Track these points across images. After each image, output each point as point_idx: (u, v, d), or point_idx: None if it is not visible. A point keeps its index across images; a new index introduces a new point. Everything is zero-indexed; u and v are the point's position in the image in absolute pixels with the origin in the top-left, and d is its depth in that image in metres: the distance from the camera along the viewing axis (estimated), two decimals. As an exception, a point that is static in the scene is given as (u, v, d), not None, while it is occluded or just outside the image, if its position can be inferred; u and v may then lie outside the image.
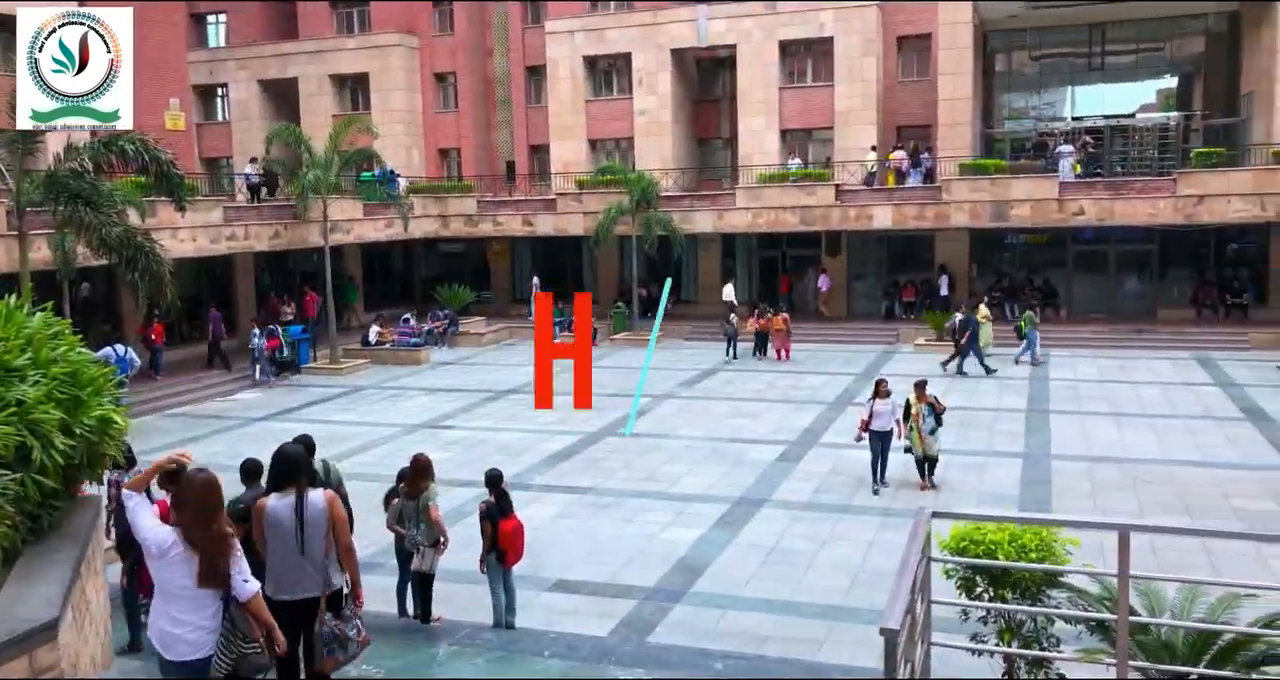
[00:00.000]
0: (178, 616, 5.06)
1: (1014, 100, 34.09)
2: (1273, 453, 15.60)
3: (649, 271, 33.34)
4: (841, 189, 29.37)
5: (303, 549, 5.76)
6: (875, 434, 14.02)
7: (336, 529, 5.89)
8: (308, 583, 5.84)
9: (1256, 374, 22.03)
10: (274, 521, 5.78)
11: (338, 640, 5.87)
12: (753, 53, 31.99)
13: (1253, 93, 28.85)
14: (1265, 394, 19.95)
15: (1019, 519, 6.50)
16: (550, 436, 18.04)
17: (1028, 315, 25.10)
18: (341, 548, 5.94)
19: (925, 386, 14.19)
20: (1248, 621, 6.10)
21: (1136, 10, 29.63)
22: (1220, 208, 25.81)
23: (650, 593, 10.77)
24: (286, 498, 5.82)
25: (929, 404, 13.88)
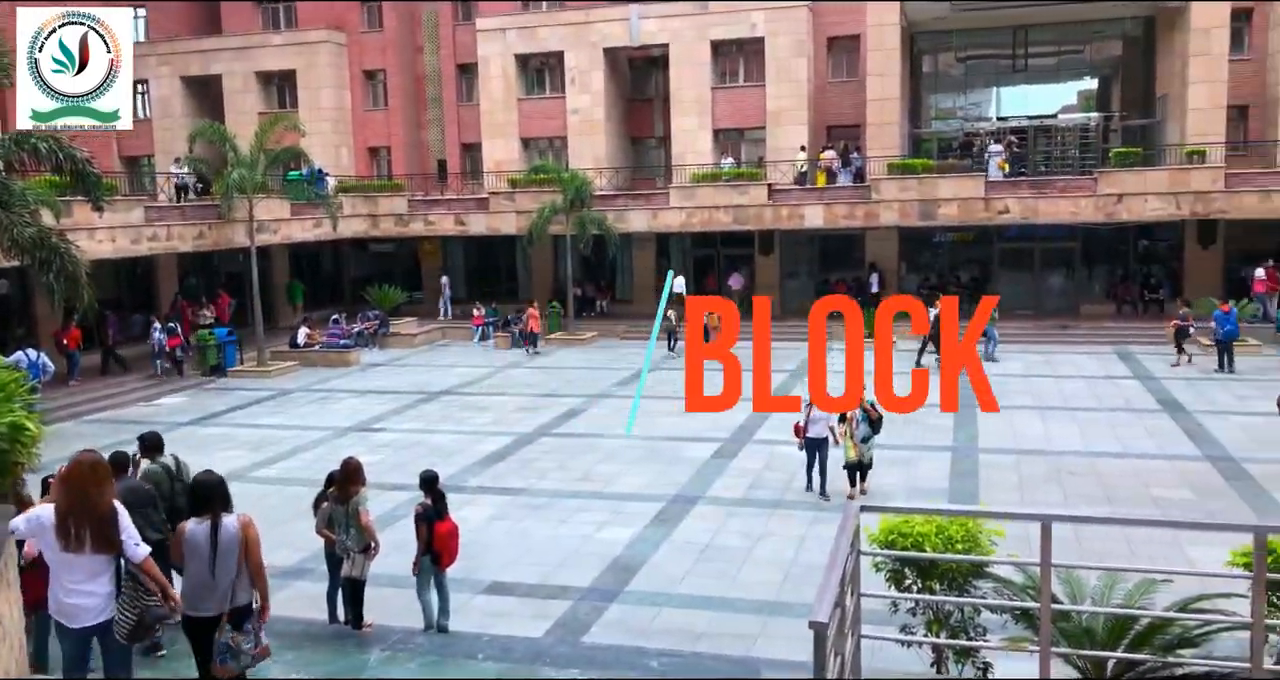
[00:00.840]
0: (73, 587, 5.79)
1: (941, 101, 34.74)
2: (1188, 443, 16.10)
3: (583, 271, 33.28)
4: (774, 188, 29.64)
5: (214, 572, 6.23)
6: (811, 441, 13.69)
7: (249, 550, 6.33)
8: (215, 602, 6.29)
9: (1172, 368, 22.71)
10: (191, 545, 6.27)
11: (230, 651, 6.23)
12: (685, 52, 32.11)
13: (1167, 95, 29.79)
14: (1180, 386, 20.60)
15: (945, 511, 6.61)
16: (484, 438, 17.88)
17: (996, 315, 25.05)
18: (253, 567, 6.36)
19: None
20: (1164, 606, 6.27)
21: (1057, 14, 30.37)
22: (1138, 206, 26.59)
23: (585, 593, 10.73)
24: (204, 523, 6.28)
25: (864, 410, 13.50)
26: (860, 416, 13.44)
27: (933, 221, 28.36)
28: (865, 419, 13.44)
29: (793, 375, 23.28)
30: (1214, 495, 13.29)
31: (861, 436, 13.39)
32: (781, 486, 14.28)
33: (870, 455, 13.60)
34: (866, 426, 13.42)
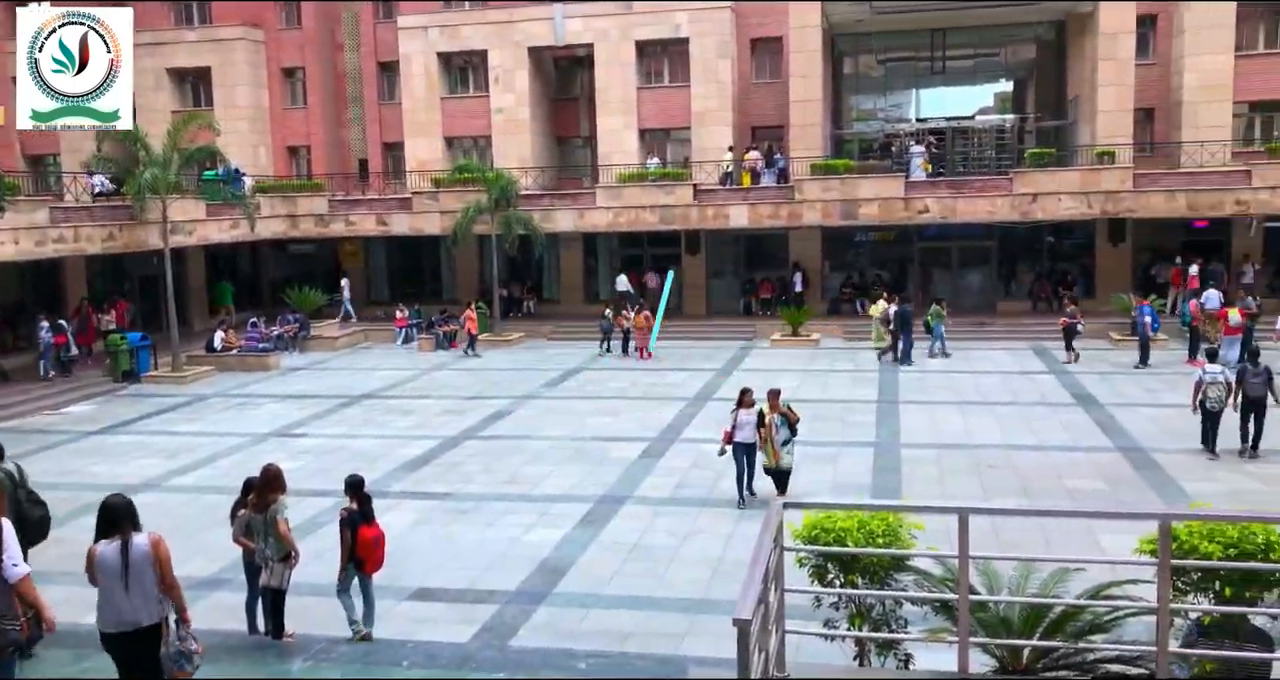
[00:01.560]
0: None
1: (862, 102, 35.28)
2: (1101, 436, 16.59)
3: (509, 271, 33.04)
4: (699, 189, 29.79)
5: (126, 588, 6.38)
6: (740, 446, 13.41)
7: (161, 568, 6.47)
8: (130, 617, 6.44)
9: (1085, 362, 23.40)
10: (103, 565, 6.43)
11: (184, 656, 6.49)
12: (610, 52, 32.09)
13: (1078, 97, 30.69)
14: (1093, 381, 21.24)
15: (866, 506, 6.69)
16: (408, 442, 17.62)
17: (934, 309, 25.25)
18: (165, 585, 6.51)
19: (779, 395, 13.42)
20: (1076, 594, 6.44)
21: (973, 17, 31.05)
22: (1052, 205, 27.34)
23: (512, 596, 10.64)
24: (114, 543, 6.43)
25: (782, 414, 13.12)
26: (779, 421, 13.10)
27: (854, 221, 28.78)
28: (784, 423, 13.11)
29: (719, 374, 23.44)
30: (1125, 485, 13.72)
31: (781, 440, 13.08)
32: (709, 485, 14.34)
33: (789, 460, 13.23)
34: (786, 430, 13.11)
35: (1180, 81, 29.09)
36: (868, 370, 23.44)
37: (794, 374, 23.09)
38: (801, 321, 27.79)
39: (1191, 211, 27.23)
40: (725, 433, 13.55)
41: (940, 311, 25.07)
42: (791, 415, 13.17)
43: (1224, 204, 26.70)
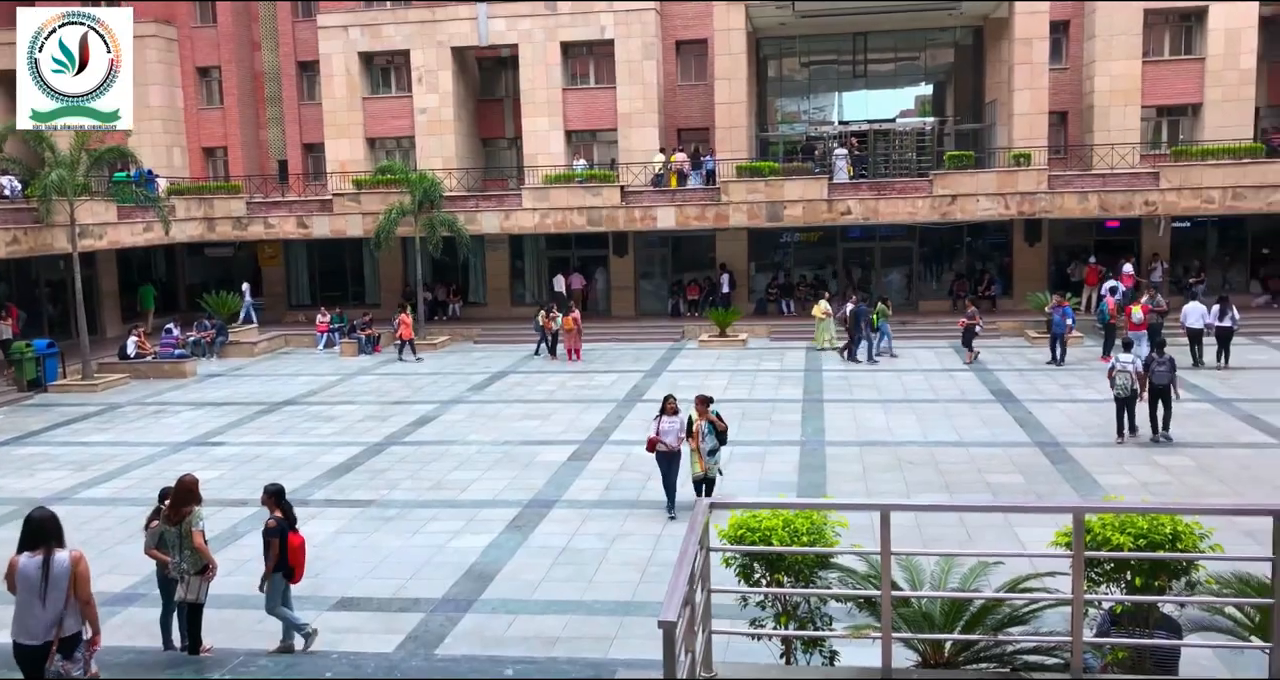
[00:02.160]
0: None
1: (786, 105, 35.65)
2: (1019, 431, 16.98)
3: (434, 274, 32.66)
4: (627, 190, 29.80)
5: (44, 603, 6.46)
6: (662, 454, 13.05)
7: (78, 585, 6.54)
8: (43, 630, 6.50)
9: (1004, 359, 23.99)
10: (23, 576, 6.52)
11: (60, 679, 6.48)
12: (535, 53, 31.92)
13: (995, 101, 31.44)
14: (1011, 377, 21.76)
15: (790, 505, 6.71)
16: (330, 448, 17.28)
17: (880, 308, 25.34)
18: (81, 601, 6.57)
19: (709, 403, 12.98)
20: (996, 587, 6.55)
21: (893, 21, 31.62)
22: (970, 206, 27.96)
23: (438, 604, 10.49)
24: (36, 557, 6.52)
25: (710, 421, 12.77)
26: (706, 429, 12.77)
27: (780, 223, 29.08)
28: (712, 430, 12.78)
29: (648, 376, 23.47)
30: (1041, 479, 14.05)
31: (708, 449, 12.76)
32: (638, 487, 14.31)
33: (717, 469, 12.94)
34: (714, 439, 12.80)
35: (1092, 86, 30.00)
36: (794, 370, 23.68)
37: (722, 374, 23.27)
38: (729, 322, 27.98)
39: (1103, 212, 28.09)
40: (650, 439, 13.16)
41: (886, 311, 25.25)
42: (719, 423, 12.81)
43: (1134, 204, 27.59)
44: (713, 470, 12.83)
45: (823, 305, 26.55)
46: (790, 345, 27.29)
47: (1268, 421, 16.92)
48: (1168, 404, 15.89)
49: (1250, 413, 17.63)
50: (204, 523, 8.99)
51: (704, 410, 12.80)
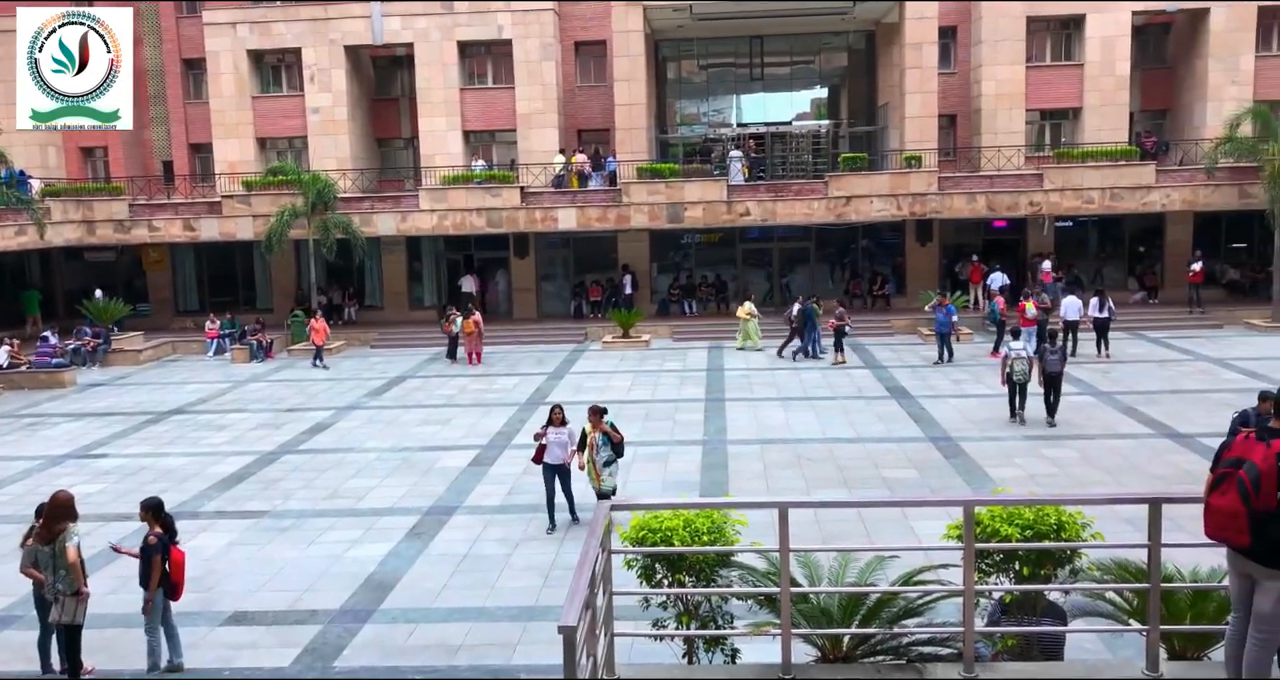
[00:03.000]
0: None
1: (686, 107, 35.94)
2: (914, 426, 17.42)
3: (329, 277, 31.91)
4: (527, 191, 29.60)
5: None
6: (549, 467, 12.41)
7: None
8: None
9: (898, 356, 24.59)
10: None
11: None
12: (431, 52, 31.46)
13: (887, 104, 32.25)
14: (905, 374, 22.32)
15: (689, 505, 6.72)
16: (221, 459, 16.69)
17: (811, 307, 25.56)
18: None
19: (602, 414, 12.34)
20: (892, 580, 6.68)
21: (788, 26, 32.16)
22: (865, 207, 28.60)
23: (336, 615, 10.22)
24: None
25: (605, 433, 12.15)
26: (601, 440, 12.16)
27: (680, 224, 29.27)
28: (606, 442, 12.16)
29: (551, 378, 23.34)
30: (935, 473, 14.43)
31: (604, 461, 12.17)
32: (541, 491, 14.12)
33: (613, 483, 12.31)
34: (609, 451, 12.18)
35: (979, 90, 31.01)
36: (696, 370, 23.85)
37: (625, 375, 23.30)
38: (632, 323, 28.05)
39: (991, 212, 29.06)
40: (539, 448, 12.55)
41: (817, 310, 25.52)
42: (614, 435, 12.18)
43: (1019, 205, 28.62)
44: (609, 483, 12.18)
45: (748, 306, 26.82)
46: (693, 345, 27.50)
47: (1145, 413, 17.72)
48: (1057, 391, 17.01)
49: (1129, 405, 18.44)
50: (77, 538, 8.58)
51: (598, 421, 12.21)
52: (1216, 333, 26.94)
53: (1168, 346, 25.03)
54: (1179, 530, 7.52)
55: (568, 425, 12.55)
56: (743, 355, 25.66)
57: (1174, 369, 22.05)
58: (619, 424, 17.76)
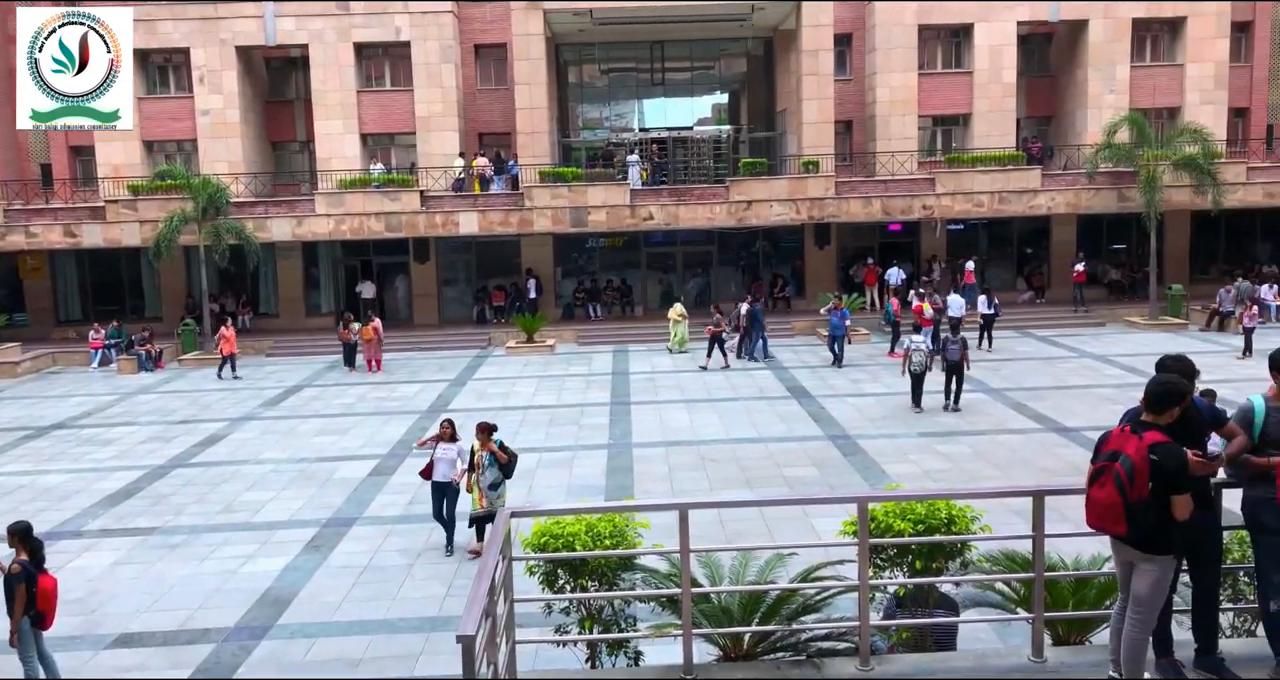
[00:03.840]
0: None
1: (587, 111, 35.98)
2: (813, 425, 17.73)
3: (221, 284, 30.97)
4: (427, 195, 29.20)
5: None
6: (437, 486, 11.82)
7: None
8: None
9: (798, 357, 25.00)
10: None
11: None
12: (326, 54, 30.80)
13: (786, 110, 32.81)
14: (805, 374, 22.72)
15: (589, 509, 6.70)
16: (107, 474, 16.01)
17: (758, 308, 25.80)
18: None
19: (491, 432, 11.67)
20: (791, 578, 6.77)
21: (687, 32, 32.46)
22: (765, 211, 29.03)
23: (231, 632, 9.90)
24: None
25: (492, 452, 11.50)
26: (488, 460, 11.51)
27: (584, 228, 29.25)
28: (493, 463, 11.51)
29: (453, 385, 23.06)
30: (834, 470, 14.72)
31: (490, 482, 11.48)
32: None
33: (501, 504, 11.40)
34: (495, 471, 11.52)
35: (874, 97, 31.78)
36: (602, 373, 23.86)
37: (530, 380, 23.15)
38: (536, 328, 27.90)
39: (886, 216, 29.80)
40: (427, 464, 12.03)
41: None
42: (501, 455, 11.50)
43: (913, 208, 29.41)
44: (495, 505, 11.34)
45: (678, 307, 26.88)
46: (598, 349, 27.50)
47: (1034, 409, 18.39)
48: (960, 379, 18.26)
49: (1019, 401, 19.12)
50: None
51: (486, 440, 11.57)
52: (1099, 330, 28.14)
53: (1054, 344, 26.03)
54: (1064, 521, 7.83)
55: (458, 442, 12.02)
56: (646, 357, 25.75)
57: (1060, 366, 22.93)
58: (524, 430, 17.89)
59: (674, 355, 25.83)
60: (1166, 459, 4.77)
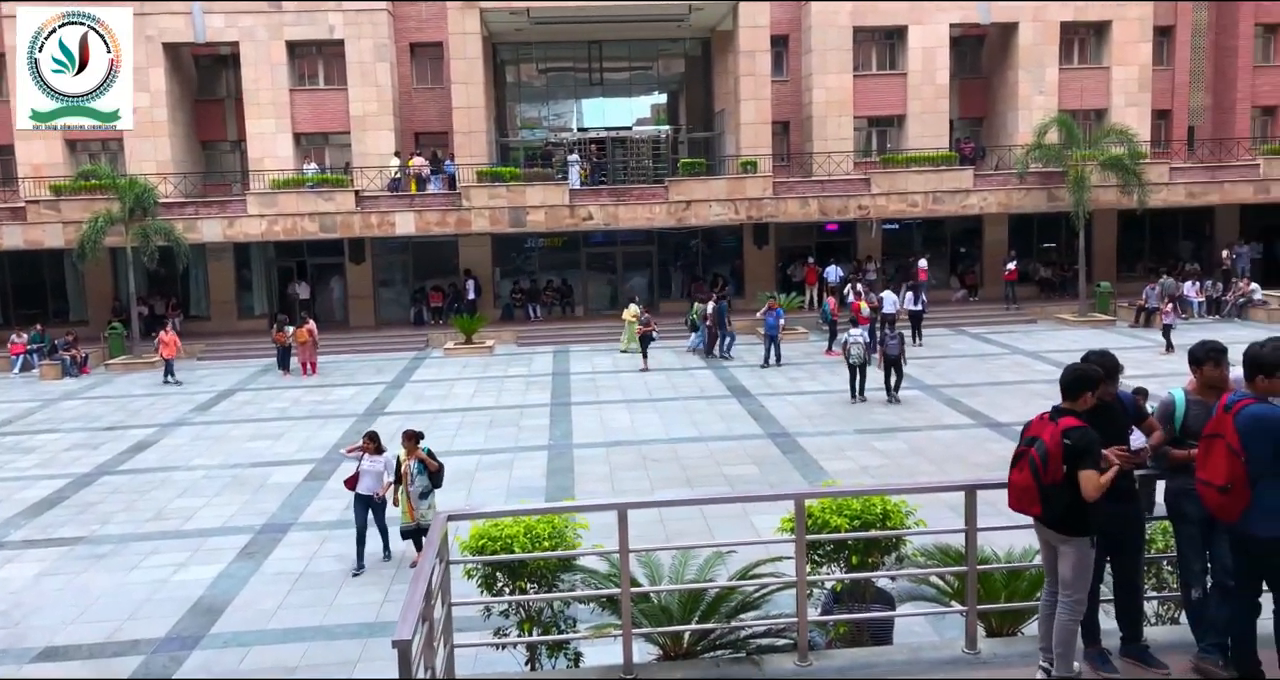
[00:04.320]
0: None
1: (526, 110, 35.78)
2: (753, 424, 17.84)
3: (150, 286, 30.22)
4: (362, 195, 28.80)
5: None
6: (361, 498, 11.28)
7: None
8: None
9: (738, 356, 25.12)
10: None
11: None
12: (258, 52, 30.21)
13: (724, 110, 32.98)
14: (745, 373, 22.86)
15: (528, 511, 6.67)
16: (30, 483, 15.52)
17: (697, 307, 26.11)
18: None
19: (418, 439, 11.19)
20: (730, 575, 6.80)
21: (626, 32, 32.45)
22: (704, 211, 29.14)
23: (161, 643, 9.66)
24: None
25: (421, 460, 11.06)
26: (416, 468, 11.04)
27: (523, 228, 29.09)
28: (422, 471, 11.05)
29: (390, 387, 22.78)
30: (774, 468, 14.82)
31: (419, 492, 11.03)
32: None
33: (430, 516, 10.52)
34: (425, 480, 11.07)
35: (810, 98, 32.08)
36: (542, 374, 23.75)
37: (469, 382, 22.97)
38: (475, 329, 27.67)
39: (823, 216, 30.12)
40: (353, 474, 11.57)
41: (702, 310, 25.87)
42: (430, 463, 11.05)
43: (849, 208, 29.76)
44: (425, 517, 10.80)
45: (633, 308, 26.80)
46: (538, 350, 27.38)
47: (967, 405, 18.73)
48: (899, 372, 19.00)
49: (953, 397, 19.45)
50: None
51: (413, 448, 11.08)
52: (1030, 328, 28.76)
53: (987, 341, 26.53)
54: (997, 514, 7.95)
55: (384, 453, 11.49)
56: (587, 358, 25.70)
57: (993, 363, 23.39)
58: (463, 432, 17.75)
59: (629, 355, 25.76)
60: (1078, 442, 4.94)
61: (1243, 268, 31.52)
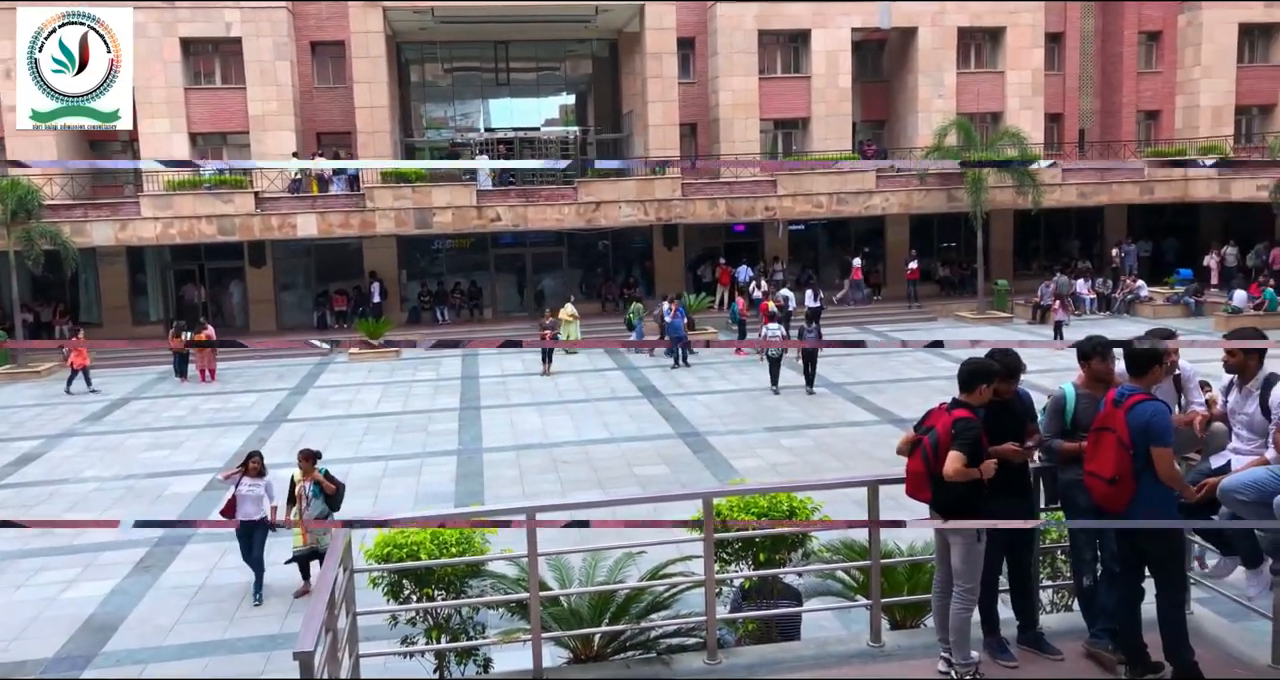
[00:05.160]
0: None
1: (431, 110, 35.30)
2: (664, 424, 17.92)
3: (35, 292, 28.92)
4: (262, 196, 28.04)
5: None
6: (244, 525, 10.39)
7: None
8: None
9: (650, 357, 25.22)
10: None
11: None
12: (150, 48, 29.07)
13: (632, 112, 33.05)
14: (656, 374, 22.94)
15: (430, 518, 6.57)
16: (-95, 499, 14.72)
17: (635, 306, 26.40)
18: None
19: (315, 459, 10.57)
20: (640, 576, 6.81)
21: (533, 32, 32.27)
22: (614, 213, 29.16)
23: (50, 664, 9.27)
24: None
25: (317, 482, 10.41)
26: (312, 490, 10.39)
27: (429, 230, 28.70)
28: (318, 494, 10.40)
29: (293, 393, 22.24)
30: (685, 467, 14.91)
31: (315, 516, 10.33)
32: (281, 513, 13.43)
33: (327, 540, 8.97)
34: (321, 503, 10.38)
35: (717, 100, 32.37)
36: (450, 378, 23.46)
37: (375, 387, 22.56)
38: (380, 333, 27.17)
39: (731, 217, 30.44)
40: (228, 501, 10.67)
41: (640, 310, 26.22)
42: (328, 485, 10.43)
43: (756, 210, 30.13)
44: (322, 541, 10.02)
45: (569, 308, 26.53)
46: (446, 353, 27.02)
47: (871, 401, 19.13)
48: (813, 364, 20.10)
49: (858, 394, 19.84)
50: None
51: (309, 468, 10.51)
52: (932, 325, 29.53)
53: (890, 339, 27.14)
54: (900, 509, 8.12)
55: (265, 477, 10.63)
56: (497, 361, 25.47)
57: (896, 360, 23.91)
58: (369, 438, 17.46)
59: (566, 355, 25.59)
60: (961, 430, 5.12)
61: (1130, 265, 32.90)
